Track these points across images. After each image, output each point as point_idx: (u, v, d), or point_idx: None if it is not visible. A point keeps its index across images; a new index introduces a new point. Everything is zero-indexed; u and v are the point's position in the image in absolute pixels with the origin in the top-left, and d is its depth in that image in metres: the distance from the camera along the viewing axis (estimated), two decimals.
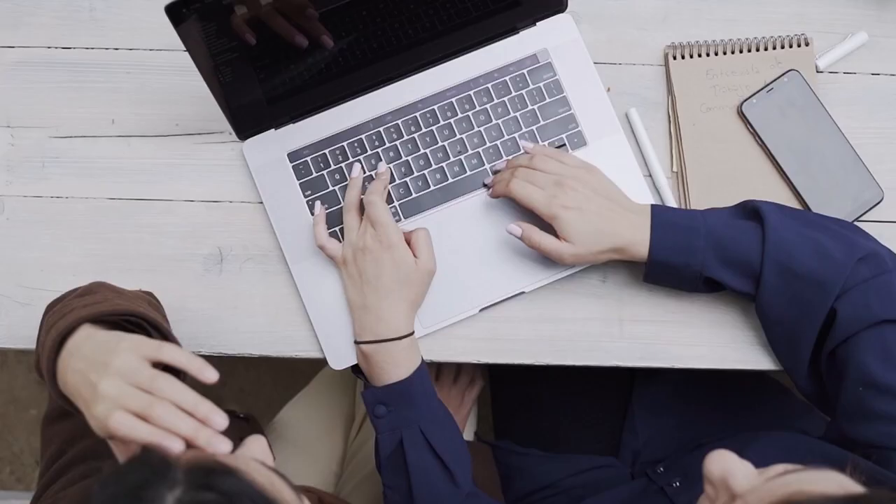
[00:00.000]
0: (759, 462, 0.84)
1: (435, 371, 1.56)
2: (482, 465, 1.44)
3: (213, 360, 1.15)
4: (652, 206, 1.17)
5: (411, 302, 1.19)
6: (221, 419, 0.88)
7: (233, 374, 2.32)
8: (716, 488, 0.83)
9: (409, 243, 1.19)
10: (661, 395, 1.43)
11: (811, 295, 1.12)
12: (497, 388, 1.58)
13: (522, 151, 1.24)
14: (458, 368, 1.57)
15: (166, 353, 0.93)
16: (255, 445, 0.90)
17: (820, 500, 0.73)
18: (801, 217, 1.16)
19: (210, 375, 0.92)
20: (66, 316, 1.00)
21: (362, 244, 1.18)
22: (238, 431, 1.44)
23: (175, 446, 0.85)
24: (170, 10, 1.03)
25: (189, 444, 0.87)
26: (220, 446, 0.86)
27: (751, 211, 1.16)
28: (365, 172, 1.25)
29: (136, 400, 0.89)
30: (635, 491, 1.24)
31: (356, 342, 1.20)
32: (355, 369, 1.25)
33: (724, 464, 0.82)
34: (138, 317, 1.03)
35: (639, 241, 1.15)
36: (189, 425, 0.87)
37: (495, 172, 1.25)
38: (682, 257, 1.15)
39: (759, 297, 1.15)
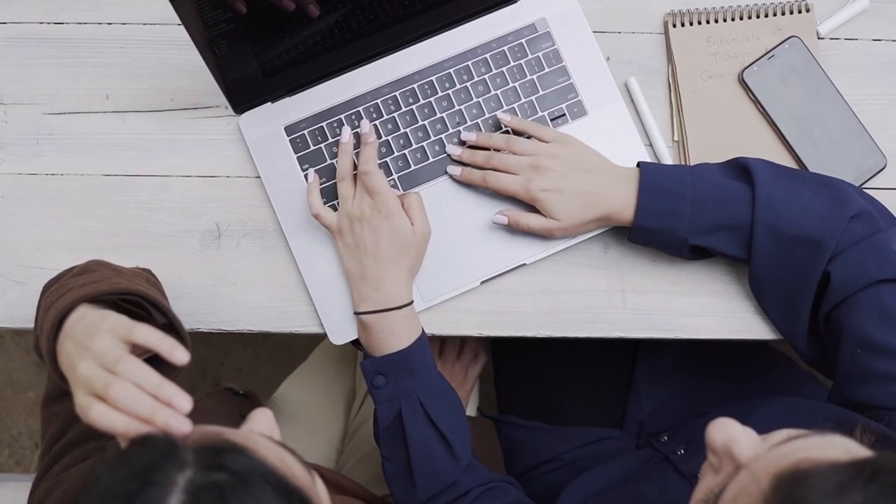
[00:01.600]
0: (764, 428, 0.84)
1: (438, 347, 1.55)
2: (485, 440, 1.43)
3: (209, 337, 1.14)
4: (640, 166, 1.17)
5: (410, 269, 1.19)
6: (185, 401, 0.85)
7: (230, 353, 2.31)
8: (719, 457, 0.82)
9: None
10: (664, 365, 1.42)
11: (804, 255, 1.11)
12: (499, 362, 1.58)
13: (503, 130, 1.23)
14: (462, 344, 1.56)
15: (137, 333, 0.90)
16: (261, 419, 0.88)
17: (826, 467, 0.72)
18: (792, 175, 1.15)
19: (180, 356, 0.89)
20: (65, 296, 0.98)
21: (359, 213, 1.17)
22: (239, 408, 1.43)
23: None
24: None
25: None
26: (179, 426, 0.83)
27: (741, 169, 1.16)
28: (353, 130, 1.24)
29: (97, 381, 0.87)
30: (641, 460, 1.24)
31: (355, 313, 1.20)
32: (355, 341, 1.24)
33: (726, 432, 0.82)
34: (137, 295, 1.02)
35: (624, 208, 1.16)
36: (147, 405, 0.84)
37: (462, 143, 1.24)
38: (667, 222, 1.15)
39: (752, 261, 1.15)
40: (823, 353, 1.17)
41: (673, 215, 1.14)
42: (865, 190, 1.23)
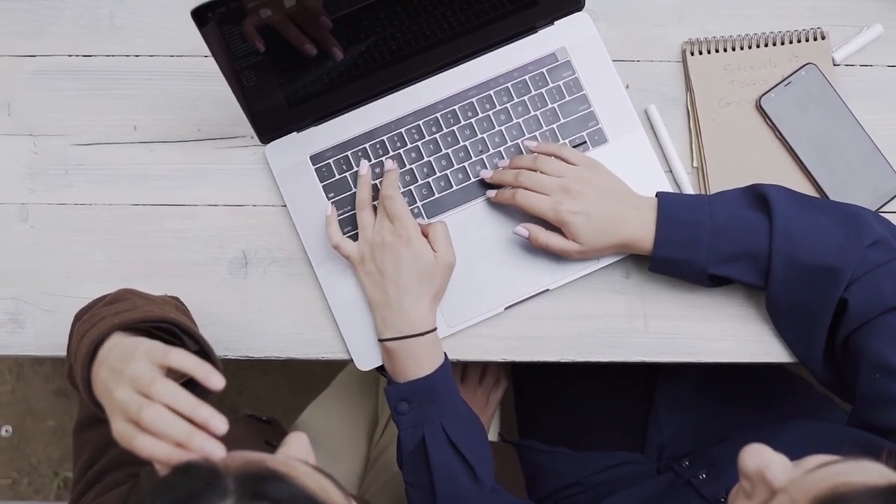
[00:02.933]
0: (789, 451, 0.84)
1: (460, 372, 1.56)
2: (506, 466, 1.44)
3: (228, 364, 1.15)
4: (658, 196, 1.18)
5: (433, 296, 1.20)
6: (221, 423, 0.86)
7: (249, 380, 2.32)
8: (752, 483, 0.83)
9: (426, 237, 1.20)
10: (684, 390, 1.43)
11: (822, 284, 1.12)
12: (520, 387, 1.59)
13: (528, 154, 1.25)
14: (483, 370, 1.57)
15: (172, 358, 0.92)
16: (297, 444, 0.89)
17: (865, 490, 0.73)
18: (810, 203, 1.17)
19: (216, 382, 0.90)
20: (98, 324, 1.00)
21: (380, 239, 1.18)
22: (261, 434, 1.44)
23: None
24: (195, 14, 1.04)
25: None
26: (214, 451, 0.85)
27: (759, 198, 1.17)
28: (371, 160, 1.26)
29: (132, 405, 0.88)
30: (662, 485, 1.24)
31: (379, 339, 1.21)
32: (380, 367, 1.25)
33: (760, 457, 0.82)
34: (169, 322, 1.03)
35: (644, 237, 1.17)
36: (181, 429, 0.86)
37: (495, 168, 1.25)
38: (686, 253, 1.16)
39: (769, 289, 1.16)
40: (840, 376, 1.18)
41: (691, 246, 1.16)
42: (882, 214, 1.24)
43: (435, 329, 1.20)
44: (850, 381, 1.15)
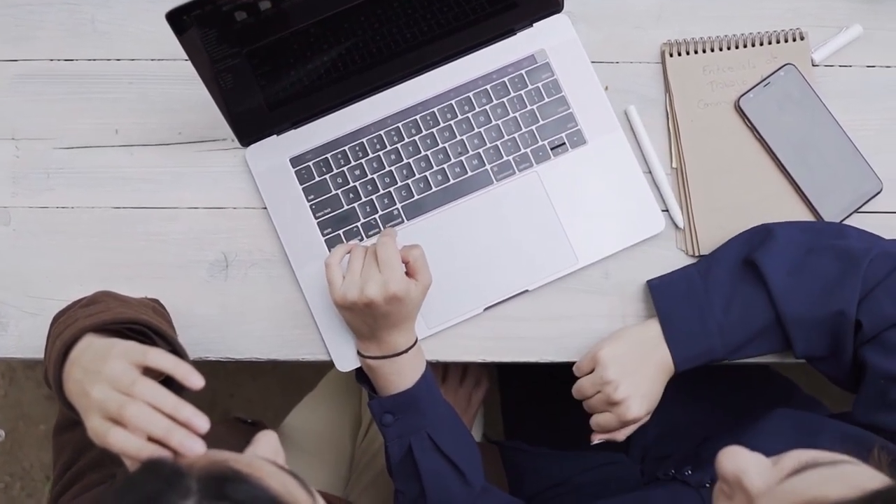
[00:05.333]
0: (774, 438, 0.84)
1: (441, 373, 1.56)
2: (489, 466, 1.44)
3: (220, 369, 1.15)
4: (661, 324, 1.19)
5: (414, 318, 1.20)
6: (203, 422, 0.87)
7: (240, 384, 2.33)
8: (730, 486, 0.83)
9: (405, 263, 1.16)
10: (669, 391, 1.43)
11: (837, 326, 1.14)
12: (505, 388, 1.59)
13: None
14: (464, 370, 1.58)
15: (152, 358, 0.93)
16: (265, 442, 0.89)
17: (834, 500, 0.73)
18: (801, 249, 1.17)
19: (195, 381, 0.91)
20: (71, 326, 1.00)
21: (367, 299, 1.12)
22: (245, 436, 1.44)
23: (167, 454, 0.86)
24: (170, 18, 1.04)
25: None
26: (193, 447, 0.85)
27: (750, 267, 1.18)
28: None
29: (112, 403, 0.89)
30: (650, 494, 1.25)
31: (360, 354, 1.21)
32: (359, 378, 1.25)
33: (736, 462, 0.81)
34: (140, 324, 1.04)
35: (670, 364, 1.20)
36: (162, 426, 0.86)
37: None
38: (705, 358, 1.19)
39: (795, 351, 1.17)
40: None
41: (709, 353, 1.18)
42: (861, 214, 1.25)
43: (416, 341, 1.20)
44: (857, 382, 1.17)
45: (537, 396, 1.54)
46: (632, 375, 1.19)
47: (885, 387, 1.10)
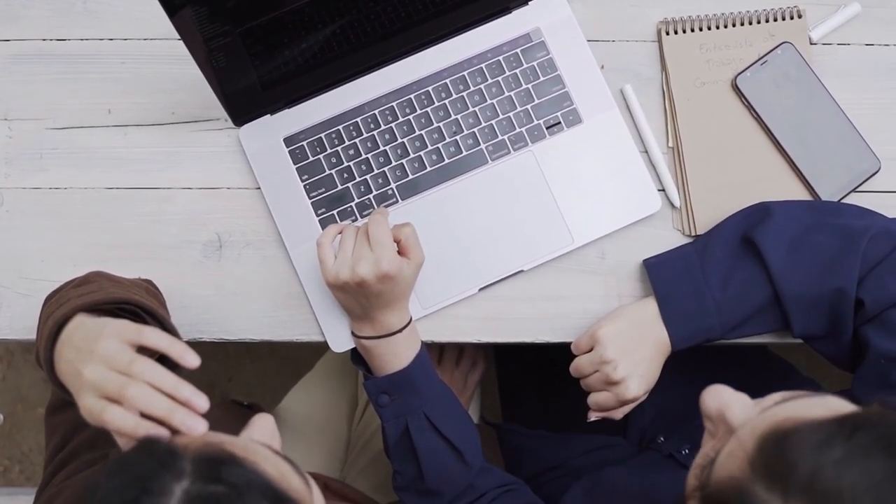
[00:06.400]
0: None
1: (437, 355, 1.56)
2: (486, 449, 1.44)
3: (218, 352, 1.15)
4: (658, 303, 1.19)
5: (407, 297, 1.19)
6: (203, 401, 0.87)
7: (238, 367, 2.32)
8: (714, 423, 0.84)
9: (397, 242, 1.15)
10: (666, 373, 1.43)
11: (836, 304, 1.13)
12: (503, 370, 1.58)
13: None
14: (461, 352, 1.57)
15: (147, 336, 0.92)
16: (261, 426, 0.89)
17: (808, 425, 0.73)
18: (799, 227, 1.16)
19: (191, 360, 0.91)
20: (63, 306, 1.00)
21: (358, 279, 1.11)
22: (242, 419, 1.44)
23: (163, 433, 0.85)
24: None
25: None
26: (195, 426, 0.85)
27: (748, 244, 1.17)
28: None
29: (112, 383, 0.88)
30: (646, 461, 1.25)
31: (354, 335, 1.21)
32: (354, 359, 1.25)
33: (721, 398, 0.84)
34: (132, 304, 1.04)
35: (667, 343, 1.20)
36: (163, 406, 0.86)
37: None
38: (702, 337, 1.19)
39: (793, 330, 1.17)
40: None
41: (706, 331, 1.18)
42: (859, 193, 1.24)
43: (410, 320, 1.20)
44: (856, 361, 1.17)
45: (535, 379, 1.54)
46: (630, 355, 1.18)
47: (886, 367, 1.10)
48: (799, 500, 0.70)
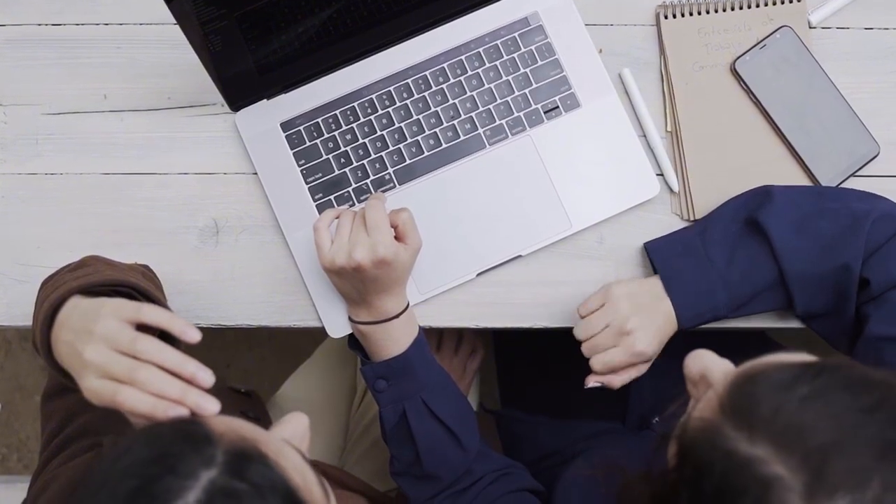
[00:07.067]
0: None
1: (436, 341, 1.55)
2: (484, 436, 1.44)
3: (216, 339, 1.14)
4: (662, 281, 1.18)
5: (405, 282, 1.18)
6: (208, 377, 0.87)
7: (236, 355, 2.32)
8: (697, 387, 0.84)
9: (394, 227, 1.14)
10: (664, 357, 1.43)
11: (840, 281, 1.13)
12: (504, 358, 1.58)
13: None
14: (460, 339, 1.57)
15: (146, 313, 0.91)
16: (294, 425, 0.89)
17: (776, 367, 0.76)
18: (801, 210, 1.16)
19: (192, 335, 0.91)
20: (58, 289, 1.00)
21: (355, 264, 1.11)
22: (239, 406, 1.44)
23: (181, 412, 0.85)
24: None
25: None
26: (208, 407, 0.85)
27: (752, 225, 1.17)
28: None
29: (119, 366, 0.88)
30: (642, 441, 1.25)
31: (351, 320, 1.20)
32: (352, 345, 1.24)
33: (703, 361, 0.85)
34: (128, 286, 1.03)
35: (674, 319, 1.18)
36: (176, 388, 0.86)
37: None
38: (710, 315, 1.18)
39: (796, 308, 1.16)
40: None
41: (714, 309, 1.17)
42: (858, 177, 1.24)
43: (408, 305, 1.19)
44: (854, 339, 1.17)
45: (534, 366, 1.54)
46: (642, 312, 1.17)
47: (880, 346, 1.10)
48: (763, 436, 0.72)
